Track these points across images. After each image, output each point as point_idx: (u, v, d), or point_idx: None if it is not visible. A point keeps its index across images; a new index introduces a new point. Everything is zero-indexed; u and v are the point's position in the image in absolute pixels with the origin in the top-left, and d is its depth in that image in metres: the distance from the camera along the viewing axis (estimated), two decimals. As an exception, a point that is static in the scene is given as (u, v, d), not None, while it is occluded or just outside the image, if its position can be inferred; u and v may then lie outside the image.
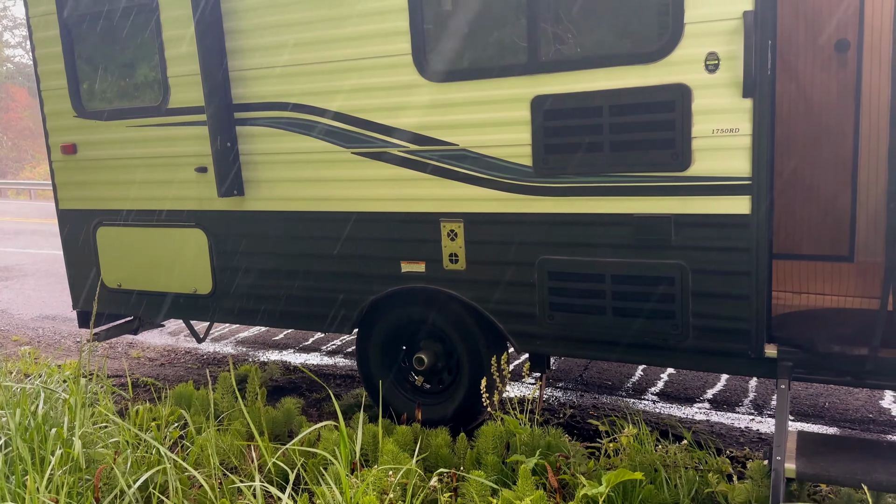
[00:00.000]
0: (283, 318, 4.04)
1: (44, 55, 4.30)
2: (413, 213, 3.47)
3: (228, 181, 3.80)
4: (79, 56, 4.21)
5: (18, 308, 7.10)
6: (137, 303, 4.36)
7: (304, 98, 3.60)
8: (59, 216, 4.51)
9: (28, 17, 4.32)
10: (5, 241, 12.56)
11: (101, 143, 4.22)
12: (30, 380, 3.30)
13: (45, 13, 4.22)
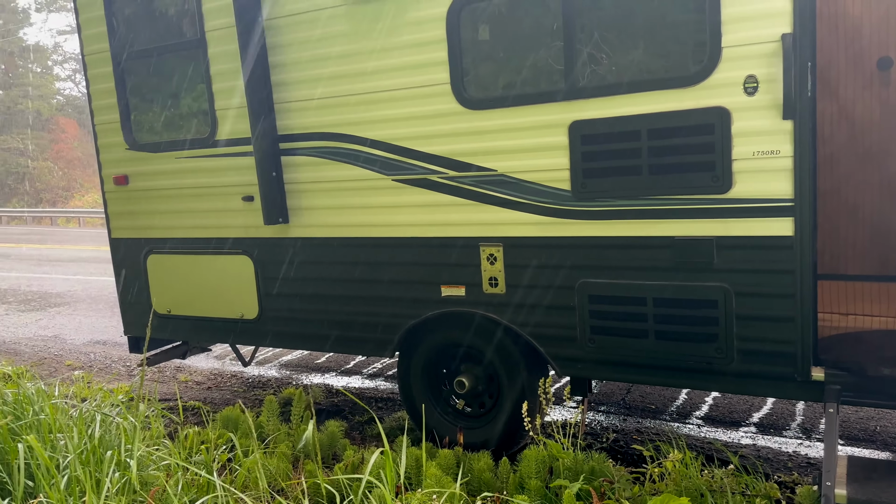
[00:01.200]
0: (326, 342, 4.12)
1: (98, 91, 4.49)
2: (452, 238, 3.52)
3: (274, 209, 3.91)
4: (130, 91, 4.39)
5: (71, 333, 7.33)
6: (186, 328, 4.48)
7: (346, 128, 3.70)
8: (112, 245, 4.68)
9: (83, 55, 4.53)
10: (57, 268, 13.01)
11: (152, 174, 4.38)
12: (85, 404, 3.42)
13: (98, 51, 4.42)
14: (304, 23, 3.67)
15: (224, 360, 6.00)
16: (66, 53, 46.62)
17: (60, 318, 8.18)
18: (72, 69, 46.62)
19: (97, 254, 15.10)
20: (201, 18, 3.94)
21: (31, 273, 12.29)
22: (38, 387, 3.39)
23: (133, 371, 5.73)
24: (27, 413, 3.25)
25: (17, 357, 6.22)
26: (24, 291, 10.23)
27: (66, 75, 46.75)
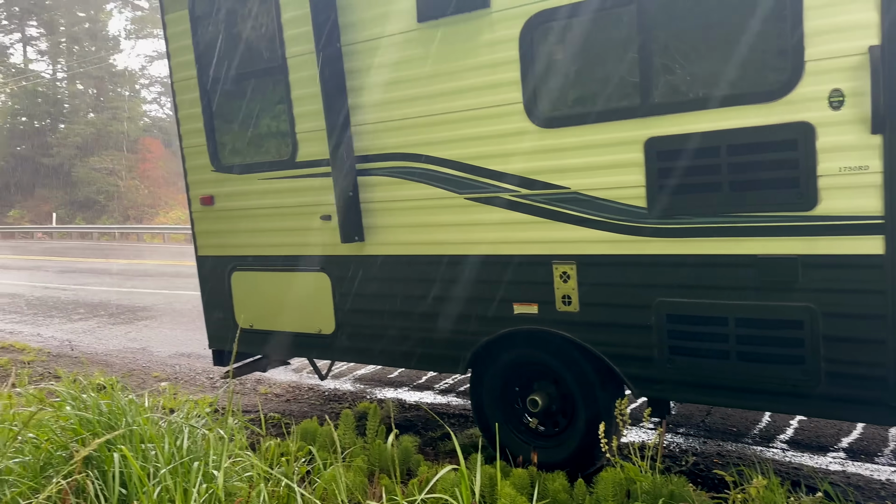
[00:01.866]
0: (399, 358, 4.19)
1: (185, 115, 4.74)
2: (525, 256, 3.53)
3: (350, 228, 4.03)
4: (216, 116, 4.61)
5: (157, 346, 7.70)
6: (267, 342, 4.64)
7: (419, 148, 3.78)
8: (198, 262, 4.90)
9: (172, 82, 4.79)
10: (143, 282, 13.69)
11: (236, 194, 4.58)
12: (174, 415, 3.59)
13: (186, 78, 4.66)
14: (380, 48, 3.78)
15: (301, 373, 6.17)
16: (152, 77, 49.17)
17: (147, 330, 8.60)
18: (157, 92, 49.12)
19: (180, 268, 15.81)
20: (283, 45, 4.11)
21: (120, 287, 12.98)
22: (130, 398, 3.57)
23: (216, 383, 5.97)
24: (120, 423, 3.44)
25: (108, 368, 6.58)
26: (114, 305, 10.81)
27: (151, 98, 49.30)
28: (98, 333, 8.53)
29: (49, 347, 7.70)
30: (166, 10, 4.62)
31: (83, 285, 13.51)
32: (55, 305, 11.03)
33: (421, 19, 3.60)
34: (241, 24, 4.33)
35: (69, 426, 3.39)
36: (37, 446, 3.35)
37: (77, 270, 16.56)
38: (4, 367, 6.76)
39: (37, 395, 4.63)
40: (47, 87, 46.06)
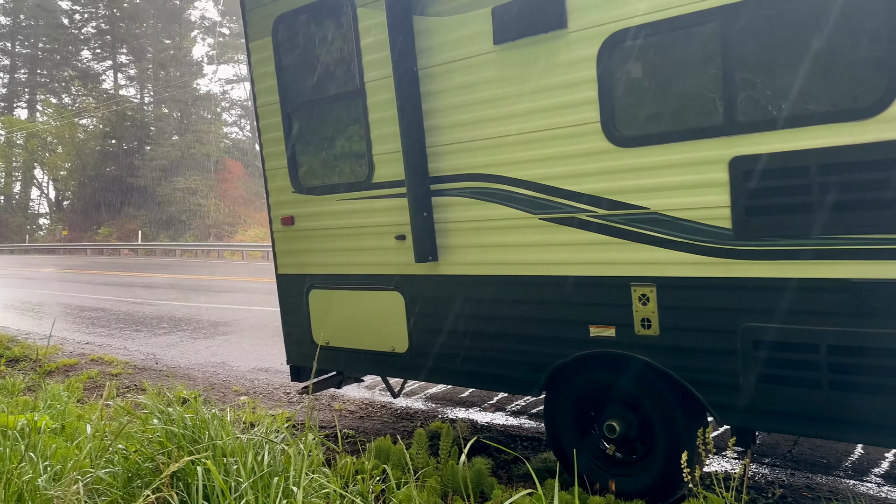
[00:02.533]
0: (472, 378, 4.18)
1: (268, 139, 4.91)
2: (602, 277, 3.47)
3: (424, 247, 4.06)
4: (296, 139, 4.75)
5: (236, 360, 7.94)
6: (342, 359, 4.72)
7: (494, 168, 3.78)
8: (278, 280, 5.04)
9: (256, 107, 4.97)
10: (224, 297, 14.20)
11: (314, 215, 4.70)
12: (255, 430, 3.68)
13: (269, 103, 4.83)
14: (456, 70, 3.82)
15: (374, 390, 6.24)
16: (233, 101, 51.30)
17: (227, 345, 8.89)
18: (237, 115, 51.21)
19: (258, 285, 16.32)
20: (361, 70, 4.21)
21: (202, 303, 13.49)
22: (213, 412, 3.69)
23: (293, 398, 6.10)
24: (203, 437, 3.55)
25: (190, 382, 6.82)
26: (196, 320, 11.24)
27: (232, 120, 51.41)
28: (181, 347, 8.88)
29: (135, 360, 8.06)
30: (250, 37, 4.81)
31: (166, 300, 14.12)
32: (141, 320, 11.56)
33: (497, 41, 3.62)
34: (320, 50, 4.47)
35: (156, 438, 3.53)
36: (125, 457, 3.50)
37: (161, 286, 17.33)
38: (94, 378, 7.12)
39: (125, 408, 4.84)
40: (135, 111, 48.69)
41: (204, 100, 47.91)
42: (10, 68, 55.50)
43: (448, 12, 3.81)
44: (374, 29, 4.11)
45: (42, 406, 5.10)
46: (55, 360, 8.05)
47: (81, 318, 11.92)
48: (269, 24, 4.66)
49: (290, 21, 4.56)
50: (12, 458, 3.48)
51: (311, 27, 4.48)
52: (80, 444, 3.91)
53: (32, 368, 7.70)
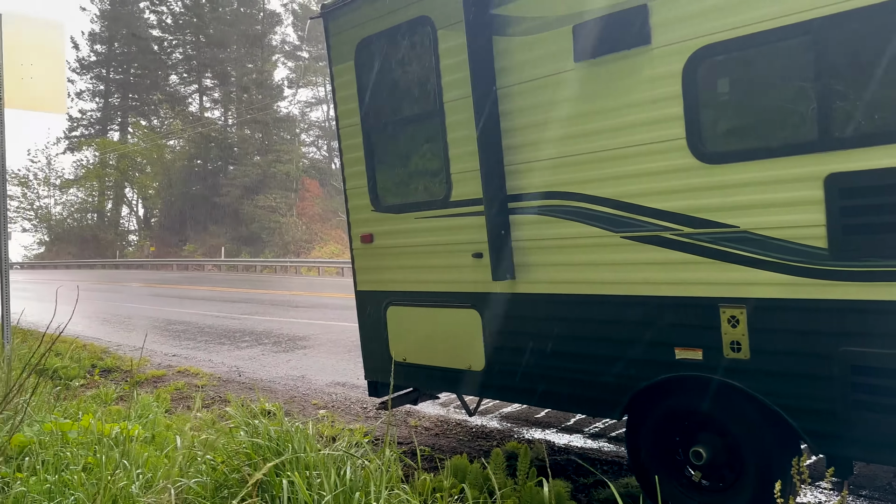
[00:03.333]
0: (549, 399, 4.12)
1: (349, 159, 5.03)
2: (688, 298, 3.37)
3: (502, 265, 4.05)
4: (376, 159, 4.85)
5: (315, 374, 8.11)
6: (419, 375, 4.75)
7: (574, 186, 3.75)
8: (357, 296, 5.14)
9: (338, 128, 5.11)
10: (301, 312, 14.57)
11: (393, 232, 4.77)
12: (336, 444, 3.74)
13: (351, 124, 4.96)
14: (535, 89, 3.82)
15: (448, 407, 6.24)
16: (311, 122, 52.96)
17: (306, 359, 9.10)
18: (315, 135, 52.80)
19: (334, 300, 16.67)
20: (440, 91, 4.27)
21: (281, 317, 13.88)
22: (297, 426, 3.78)
23: (370, 413, 6.18)
24: (287, 449, 3.64)
25: (272, 395, 7.01)
26: (276, 334, 11.56)
27: (310, 141, 53.01)
28: (262, 361, 9.15)
29: (219, 373, 8.35)
30: (334, 61, 4.96)
31: (248, 314, 14.60)
32: (224, 333, 11.98)
33: (578, 59, 3.60)
34: (400, 72, 4.56)
35: (242, 450, 3.64)
36: (213, 468, 3.62)
37: (242, 300, 17.94)
38: (181, 390, 7.41)
39: (212, 420, 5.02)
40: (219, 132, 50.89)
41: (284, 121, 49.64)
42: (104, 93, 59.19)
43: (528, 32, 3.83)
44: (454, 50, 4.16)
45: (133, 415, 5.35)
46: (144, 372, 8.43)
47: (168, 331, 12.46)
48: (351, 48, 4.79)
49: (372, 45, 4.68)
50: (108, 466, 3.65)
51: (392, 50, 4.58)
52: (169, 453, 4.08)
53: (123, 379, 8.09)
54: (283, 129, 49.41)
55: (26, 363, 6.94)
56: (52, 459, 3.82)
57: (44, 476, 3.55)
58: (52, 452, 3.90)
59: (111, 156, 54.89)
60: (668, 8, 3.28)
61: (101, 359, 9.20)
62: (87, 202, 57.95)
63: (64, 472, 3.65)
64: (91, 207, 58.00)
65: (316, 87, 51.76)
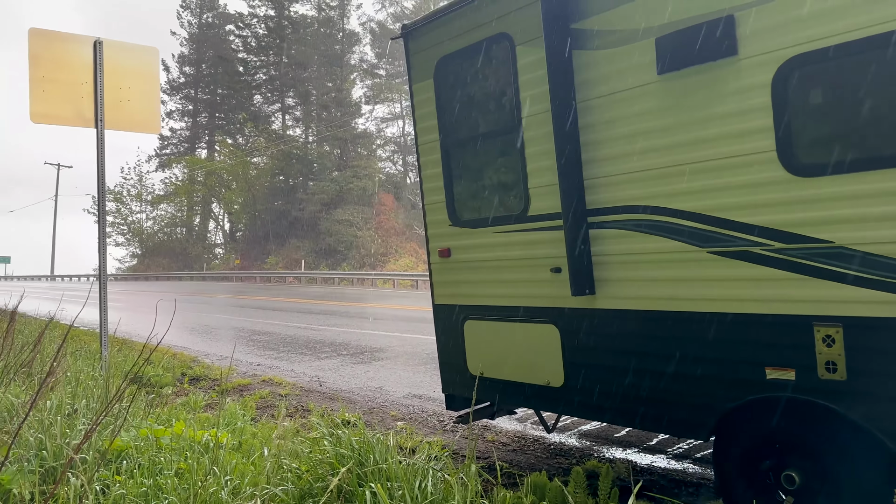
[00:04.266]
0: (632, 417, 4.03)
1: (428, 175, 5.11)
2: (780, 316, 3.24)
3: (581, 280, 4.01)
4: (454, 174, 4.90)
5: (392, 386, 8.22)
6: (496, 390, 4.74)
7: (656, 200, 3.68)
8: (435, 310, 5.19)
9: (417, 145, 5.20)
10: (378, 324, 14.81)
11: (470, 247, 4.80)
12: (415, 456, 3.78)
13: (429, 141, 5.04)
14: (616, 102, 3.78)
15: (525, 423, 6.20)
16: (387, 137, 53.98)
17: (384, 371, 9.23)
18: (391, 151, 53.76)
19: (410, 313, 16.86)
20: (518, 106, 4.28)
21: (358, 329, 14.15)
22: (378, 436, 3.84)
23: (447, 426, 6.21)
24: (368, 460, 3.70)
25: (351, 405, 7.15)
26: (354, 345, 11.79)
27: (386, 156, 54.01)
28: (341, 371, 9.34)
29: (301, 382, 8.58)
30: (413, 80, 5.05)
31: (327, 326, 14.96)
32: (305, 344, 12.31)
33: (661, 71, 3.55)
34: (478, 89, 4.60)
35: (326, 459, 3.73)
36: (298, 476, 3.73)
37: (321, 312, 18.40)
38: (265, 398, 7.65)
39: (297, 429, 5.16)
40: (300, 149, 52.53)
41: (361, 137, 50.83)
42: (192, 113, 62.29)
43: (609, 45, 3.80)
44: (533, 66, 4.17)
45: (221, 423, 5.56)
46: (231, 381, 8.76)
47: (253, 342, 12.90)
48: (431, 67, 4.88)
49: (451, 63, 4.75)
50: (198, 471, 3.82)
51: (470, 68, 4.64)
52: (255, 460, 4.22)
53: (211, 387, 8.43)
54: (360, 145, 50.58)
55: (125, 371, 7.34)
56: (147, 464, 4.02)
57: (140, 480, 3.75)
58: (147, 457, 4.10)
59: (199, 172, 57.66)
60: (756, 18, 3.19)
61: (189, 367, 9.62)
62: (177, 217, 60.99)
63: (158, 476, 3.83)
64: (180, 222, 61.00)
65: (392, 103, 52.77)
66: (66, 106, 7.69)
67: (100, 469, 3.81)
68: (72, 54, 7.80)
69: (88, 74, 7.86)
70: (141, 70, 8.27)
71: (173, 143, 62.28)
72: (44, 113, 7.53)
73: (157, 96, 8.46)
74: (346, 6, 54.50)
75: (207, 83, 61.35)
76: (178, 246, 58.31)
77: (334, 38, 54.04)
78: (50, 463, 3.94)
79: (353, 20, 66.62)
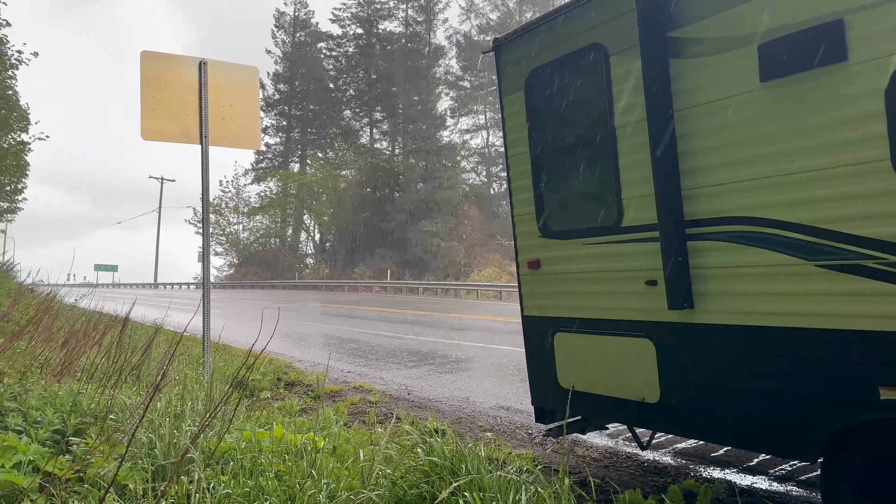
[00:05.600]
0: (731, 436, 3.88)
1: (517, 186, 5.12)
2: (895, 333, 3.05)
3: (678, 294, 3.91)
4: (544, 185, 4.89)
5: (478, 396, 8.24)
6: (588, 405, 4.68)
7: (759, 211, 3.55)
8: (524, 322, 5.18)
9: (507, 157, 5.23)
10: (463, 334, 14.88)
11: (560, 259, 4.77)
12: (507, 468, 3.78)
13: (519, 153, 5.05)
14: (716, 110, 3.69)
15: (617, 439, 6.07)
16: (471, 148, 54.34)
17: (469, 381, 9.27)
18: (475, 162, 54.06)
19: (493, 324, 16.85)
20: (612, 116, 4.24)
21: (443, 339, 14.26)
22: (470, 446, 3.87)
23: (535, 439, 6.17)
24: (461, 469, 3.73)
25: (440, 414, 7.21)
26: (440, 355, 11.90)
27: (470, 167, 54.36)
28: (428, 380, 9.45)
29: (390, 390, 8.73)
30: (504, 92, 5.10)
31: (412, 335, 15.17)
32: (391, 352, 12.53)
33: (764, 79, 3.43)
34: (570, 100, 4.59)
35: (419, 467, 3.79)
36: (393, 482, 3.80)
37: (407, 321, 18.67)
38: (356, 405, 7.84)
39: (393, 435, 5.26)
40: (387, 162, 53.66)
41: (446, 149, 51.42)
42: (286, 128, 64.86)
43: (708, 53, 3.71)
44: (627, 75, 4.13)
45: (316, 427, 5.74)
46: (323, 387, 9.02)
47: (342, 349, 13.25)
48: (522, 79, 4.90)
49: (542, 74, 4.76)
50: (297, 474, 3.96)
51: (562, 79, 4.63)
52: (350, 466, 4.33)
53: (305, 392, 8.71)
54: (444, 157, 51.15)
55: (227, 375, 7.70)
56: (249, 465, 4.20)
57: (243, 480, 3.92)
58: (249, 458, 4.29)
59: (292, 185, 59.88)
60: (869, 22, 3.04)
61: (284, 373, 9.98)
62: (271, 228, 63.55)
63: (260, 477, 3.99)
64: (274, 233, 63.52)
65: (476, 114, 53.12)
66: (174, 123, 8.18)
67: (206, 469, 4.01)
68: (179, 74, 8.29)
69: (194, 93, 8.33)
70: (242, 88, 8.69)
71: (268, 157, 65.06)
72: (153, 130, 8.03)
73: (257, 113, 8.86)
74: (433, 21, 55.41)
75: (300, 100, 63.80)
76: (271, 256, 60.72)
77: (420, 52, 54.99)
78: (160, 461, 4.18)
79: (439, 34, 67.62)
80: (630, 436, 5.15)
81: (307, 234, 63.75)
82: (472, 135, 55.32)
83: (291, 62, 63.86)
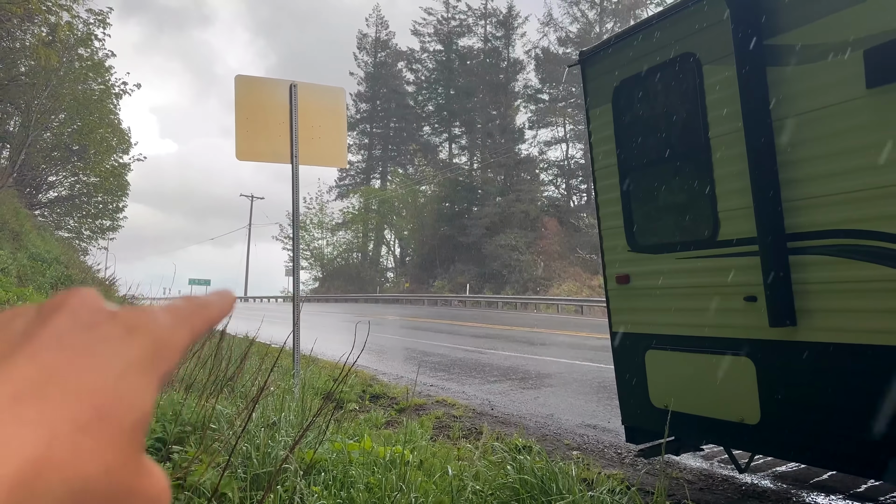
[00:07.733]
0: (837, 460, 3.67)
1: (604, 200, 5.04)
2: None
3: (780, 311, 3.75)
4: (633, 198, 4.80)
5: (564, 413, 8.11)
6: (681, 425, 4.52)
7: (869, 223, 3.36)
8: (613, 338, 5.07)
9: (594, 170, 5.16)
10: (544, 350, 14.71)
11: (651, 273, 4.66)
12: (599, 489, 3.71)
13: (607, 166, 4.98)
14: (819, 119, 3.53)
15: (712, 461, 5.84)
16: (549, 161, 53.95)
17: (553, 397, 9.15)
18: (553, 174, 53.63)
19: (575, 339, 16.59)
20: (705, 127, 4.12)
21: (525, 353, 14.15)
22: (560, 465, 3.82)
23: (625, 459, 6.01)
24: (551, 489, 3.68)
25: (525, 431, 7.14)
26: (522, 370, 11.80)
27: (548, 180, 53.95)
28: (511, 396, 9.39)
29: (473, 405, 8.72)
30: (591, 105, 5.04)
31: (493, 349, 15.12)
32: (473, 367, 12.52)
33: (871, 85, 3.26)
34: (660, 111, 4.50)
35: (509, 484, 3.76)
36: (482, 498, 3.80)
37: (486, 335, 18.64)
38: (440, 419, 7.87)
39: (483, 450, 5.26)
40: (465, 176, 53.99)
41: (524, 162, 51.27)
42: (368, 146, 66.40)
43: (809, 60, 3.56)
44: (721, 84, 4.01)
45: (402, 440, 5.80)
46: (407, 400, 9.11)
47: (424, 363, 13.35)
48: (609, 91, 4.84)
49: (630, 86, 4.69)
50: (386, 487, 4.01)
51: (651, 90, 4.55)
52: (437, 480, 4.35)
53: (389, 405, 8.82)
54: (523, 170, 50.99)
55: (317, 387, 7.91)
56: (340, 476, 4.28)
57: (335, 491, 4.00)
58: (339, 470, 4.37)
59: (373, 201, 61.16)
60: None
61: (369, 385, 10.14)
62: (353, 243, 65.05)
63: (351, 489, 4.07)
64: (356, 247, 64.99)
65: (555, 127, 52.71)
66: (266, 144, 8.50)
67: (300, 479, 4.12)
68: (270, 97, 8.63)
69: (284, 114, 8.65)
70: (330, 109, 8.96)
71: (351, 174, 66.80)
72: (248, 151, 8.36)
73: (344, 133, 9.11)
74: (512, 35, 55.56)
75: (381, 118, 65.30)
76: (354, 270, 62.09)
77: (499, 66, 55.20)
78: (256, 470, 4.33)
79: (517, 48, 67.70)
80: (726, 457, 4.94)
81: (388, 248, 64.91)
82: (551, 147, 54.94)
83: (373, 81, 65.46)
